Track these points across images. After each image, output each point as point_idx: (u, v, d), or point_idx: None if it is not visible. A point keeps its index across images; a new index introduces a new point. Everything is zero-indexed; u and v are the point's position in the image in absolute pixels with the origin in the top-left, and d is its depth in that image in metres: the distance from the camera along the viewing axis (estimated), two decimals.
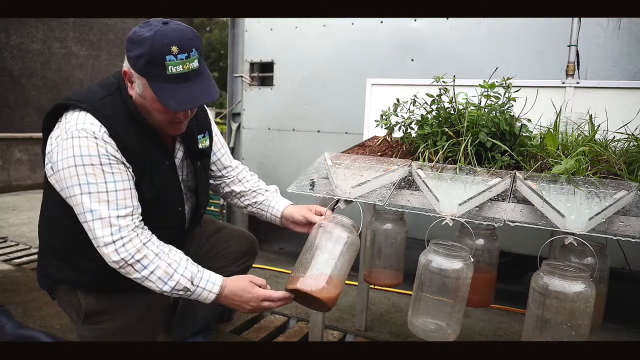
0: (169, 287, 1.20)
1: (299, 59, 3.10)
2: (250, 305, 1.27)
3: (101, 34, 8.17)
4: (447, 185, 1.22)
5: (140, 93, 1.20)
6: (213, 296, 1.24)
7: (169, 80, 1.15)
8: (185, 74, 1.16)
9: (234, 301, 1.27)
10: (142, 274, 1.17)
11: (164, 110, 1.20)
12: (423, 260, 1.22)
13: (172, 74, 1.14)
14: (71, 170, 1.15)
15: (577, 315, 1.03)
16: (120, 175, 1.19)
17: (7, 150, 5.65)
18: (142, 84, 1.18)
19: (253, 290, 1.27)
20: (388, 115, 1.61)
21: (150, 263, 1.18)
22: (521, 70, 2.32)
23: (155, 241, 1.22)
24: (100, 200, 1.15)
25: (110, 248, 1.15)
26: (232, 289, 1.26)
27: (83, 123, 1.17)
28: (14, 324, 1.77)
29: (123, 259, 1.15)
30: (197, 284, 1.22)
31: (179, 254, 1.25)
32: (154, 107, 1.21)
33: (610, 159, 1.31)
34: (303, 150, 3.12)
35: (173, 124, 1.26)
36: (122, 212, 1.17)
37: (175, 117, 1.24)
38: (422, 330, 1.24)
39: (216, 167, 1.62)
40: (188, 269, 1.23)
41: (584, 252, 1.27)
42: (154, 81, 1.15)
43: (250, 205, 1.62)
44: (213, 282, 1.25)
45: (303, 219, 1.47)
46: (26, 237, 3.49)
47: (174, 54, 1.12)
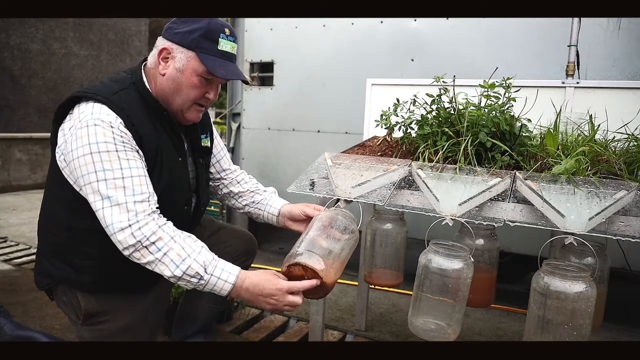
0: (180, 271, 1.14)
1: (299, 59, 3.10)
2: (273, 300, 1.16)
3: (101, 34, 8.18)
4: (447, 185, 1.22)
5: (179, 67, 1.26)
6: (229, 286, 1.17)
7: (218, 55, 1.27)
8: (230, 54, 1.30)
9: (256, 294, 1.17)
10: (155, 255, 1.14)
11: (199, 85, 1.27)
12: (423, 260, 1.22)
13: (221, 50, 1.27)
14: (87, 158, 1.15)
15: (578, 315, 1.03)
16: (136, 162, 1.18)
17: (7, 150, 5.65)
18: (187, 57, 1.25)
19: (277, 282, 1.17)
20: (388, 115, 1.61)
21: (164, 245, 1.15)
22: (521, 70, 2.32)
23: (171, 225, 1.20)
24: (116, 186, 1.15)
25: (127, 232, 1.13)
26: (253, 279, 1.18)
27: (99, 113, 1.17)
28: (13, 324, 1.76)
29: (139, 241, 1.13)
30: (211, 272, 1.16)
31: (197, 242, 1.21)
32: (190, 81, 1.26)
33: (610, 159, 1.31)
34: (303, 150, 3.12)
35: (195, 106, 1.32)
36: (139, 197, 1.16)
37: (205, 96, 1.30)
38: (422, 330, 1.24)
39: (215, 170, 1.62)
40: (202, 254, 1.17)
41: (584, 252, 1.27)
42: (204, 53, 1.25)
43: (248, 205, 1.62)
44: (229, 272, 1.17)
45: (302, 214, 1.46)
46: (26, 237, 3.49)
47: (226, 34, 1.28)
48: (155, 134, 1.27)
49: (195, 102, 1.30)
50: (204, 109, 1.35)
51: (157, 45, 1.29)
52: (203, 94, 1.29)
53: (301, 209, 1.47)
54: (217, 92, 1.33)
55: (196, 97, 1.29)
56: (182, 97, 1.28)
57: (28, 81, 7.13)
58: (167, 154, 1.30)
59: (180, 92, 1.28)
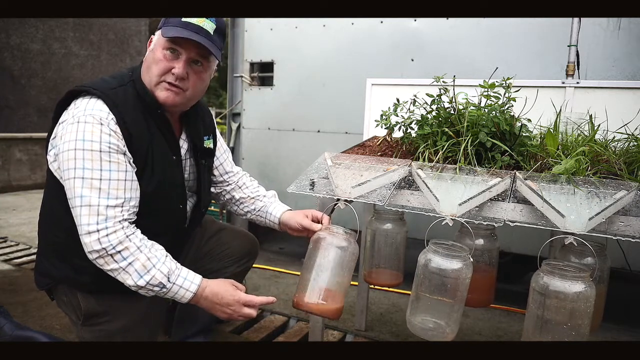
0: (144, 281, 1.16)
1: (299, 59, 3.10)
2: (230, 310, 1.23)
3: (101, 34, 8.18)
4: (447, 185, 1.22)
5: (151, 48, 1.27)
6: (190, 295, 1.21)
7: (181, 25, 1.22)
8: (195, 25, 1.22)
9: (214, 303, 1.23)
10: (120, 264, 1.15)
11: (163, 59, 1.23)
12: (422, 260, 1.22)
13: (185, 21, 1.22)
14: (70, 154, 1.15)
15: (577, 315, 1.03)
16: (118, 166, 1.18)
17: (7, 150, 5.65)
18: (156, 36, 1.27)
19: (235, 293, 1.24)
20: (388, 115, 1.61)
21: (130, 255, 1.15)
22: (521, 70, 2.32)
23: (138, 235, 1.20)
24: (92, 186, 1.14)
25: (94, 237, 1.13)
26: (213, 289, 1.23)
27: (92, 109, 1.18)
28: (13, 324, 1.76)
29: (104, 248, 1.13)
30: (174, 281, 1.19)
31: (161, 250, 1.23)
32: (156, 57, 1.24)
33: (610, 159, 1.31)
34: (303, 150, 3.12)
35: (163, 84, 1.25)
36: (112, 202, 1.16)
37: (172, 70, 1.23)
38: (420, 329, 1.24)
39: (218, 172, 1.63)
40: (166, 264, 1.20)
41: (584, 252, 1.27)
42: (167, 26, 1.23)
43: (250, 212, 1.63)
44: (191, 281, 1.21)
45: (299, 227, 1.46)
46: (26, 237, 3.49)
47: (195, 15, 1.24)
48: (148, 132, 1.26)
49: (162, 80, 1.25)
50: (175, 89, 1.26)
51: None
52: (168, 69, 1.24)
53: (298, 221, 1.46)
54: (183, 66, 1.24)
55: (160, 71, 1.24)
56: (150, 74, 1.26)
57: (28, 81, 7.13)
58: (159, 153, 1.29)
59: (149, 70, 1.26)
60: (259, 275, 2.87)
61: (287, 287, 2.69)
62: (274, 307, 2.35)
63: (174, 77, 1.24)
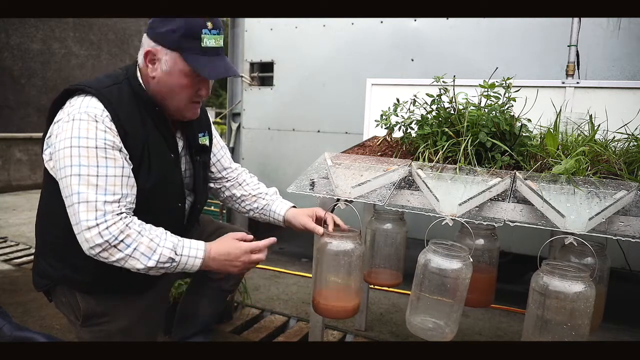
0: (153, 262, 1.17)
1: (299, 59, 3.10)
2: (240, 262, 1.26)
3: (101, 34, 8.17)
4: (447, 185, 1.22)
5: (166, 69, 1.24)
6: (199, 262, 1.23)
7: (203, 53, 1.22)
8: (216, 48, 1.25)
9: (224, 261, 1.26)
10: (125, 252, 1.15)
11: (190, 85, 1.25)
12: (422, 260, 1.22)
13: (206, 47, 1.22)
14: (66, 152, 1.15)
15: (577, 315, 1.03)
16: (114, 162, 1.18)
17: (7, 150, 5.66)
18: (171, 59, 1.22)
19: (240, 245, 1.27)
20: (388, 115, 1.61)
21: (133, 241, 1.16)
22: (521, 70, 2.32)
23: (136, 221, 1.20)
24: (89, 183, 1.14)
25: (94, 231, 1.12)
26: (218, 249, 1.25)
27: (87, 107, 1.18)
28: (12, 325, 1.75)
29: (107, 241, 1.13)
30: (181, 252, 1.21)
31: (160, 229, 1.24)
32: (180, 83, 1.24)
33: (610, 159, 1.31)
34: (303, 150, 3.12)
35: (192, 104, 1.31)
36: (110, 197, 1.15)
37: (198, 93, 1.29)
38: (419, 329, 1.24)
39: (216, 169, 1.62)
40: (169, 239, 1.21)
41: (584, 252, 1.27)
42: (188, 53, 1.21)
43: (252, 210, 1.63)
44: (196, 248, 1.23)
45: (302, 227, 1.47)
46: (26, 237, 3.49)
47: (209, 28, 1.22)
48: (144, 130, 1.26)
49: (190, 101, 1.31)
50: (200, 104, 1.36)
51: (142, 44, 1.28)
52: (196, 92, 1.29)
53: (302, 223, 1.47)
54: (209, 87, 1.32)
55: (189, 96, 1.29)
56: (177, 99, 1.28)
57: (28, 81, 7.13)
58: (156, 150, 1.29)
59: (174, 94, 1.27)
60: (259, 275, 2.87)
61: (287, 287, 2.69)
62: (274, 307, 2.36)
63: (199, 97, 1.31)
